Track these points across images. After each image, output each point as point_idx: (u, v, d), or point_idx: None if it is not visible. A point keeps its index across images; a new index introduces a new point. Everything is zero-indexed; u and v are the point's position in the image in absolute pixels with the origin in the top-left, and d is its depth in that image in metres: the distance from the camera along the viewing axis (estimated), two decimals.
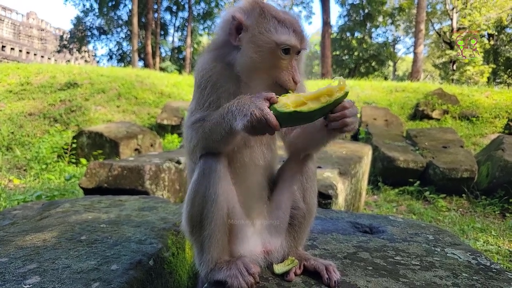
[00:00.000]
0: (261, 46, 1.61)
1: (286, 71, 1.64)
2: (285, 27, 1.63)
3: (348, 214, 3.05)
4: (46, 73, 16.45)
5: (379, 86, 18.58)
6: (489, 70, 34.60)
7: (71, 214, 2.86)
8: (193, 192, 1.68)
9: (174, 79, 18.96)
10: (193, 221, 1.70)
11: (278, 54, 1.61)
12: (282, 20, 1.64)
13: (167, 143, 11.54)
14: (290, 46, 1.61)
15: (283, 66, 1.63)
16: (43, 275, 1.78)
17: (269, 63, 1.62)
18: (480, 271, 1.99)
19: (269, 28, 1.62)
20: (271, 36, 1.60)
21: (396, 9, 40.64)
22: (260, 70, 1.64)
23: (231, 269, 1.64)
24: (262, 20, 1.63)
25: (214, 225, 1.65)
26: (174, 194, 5.26)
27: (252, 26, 1.63)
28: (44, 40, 70.98)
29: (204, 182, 1.64)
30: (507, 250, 4.85)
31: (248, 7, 1.68)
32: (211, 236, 1.67)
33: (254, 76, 1.66)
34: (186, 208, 1.73)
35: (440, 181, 7.85)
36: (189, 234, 1.77)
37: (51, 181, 7.88)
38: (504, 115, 14.15)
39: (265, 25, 1.62)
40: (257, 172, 1.85)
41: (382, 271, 1.92)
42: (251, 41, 1.62)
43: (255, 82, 1.67)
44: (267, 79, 1.65)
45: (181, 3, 42.13)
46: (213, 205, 1.63)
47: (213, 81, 1.70)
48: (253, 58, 1.61)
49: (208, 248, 1.69)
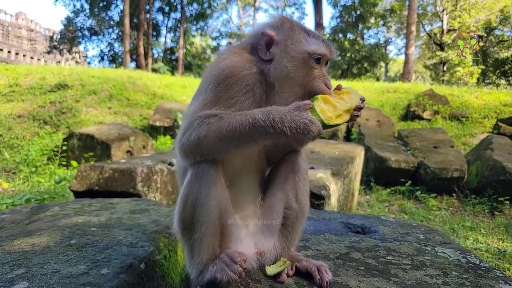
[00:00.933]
0: (295, 57, 1.71)
1: (318, 79, 1.74)
2: (314, 38, 1.76)
3: (341, 215, 3.06)
4: (36, 75, 16.28)
5: (371, 87, 18.69)
6: (479, 71, 34.97)
7: (60, 217, 2.83)
8: (185, 195, 1.67)
9: (167, 80, 18.88)
10: (184, 224, 1.70)
11: (311, 63, 1.72)
12: (311, 33, 1.78)
13: (160, 144, 11.48)
14: (321, 55, 1.73)
15: (315, 75, 1.73)
16: (31, 281, 1.75)
17: (303, 72, 1.71)
18: (470, 270, 2.01)
19: (300, 39, 1.73)
20: (303, 47, 1.72)
21: (387, 10, 40.87)
22: (295, 80, 1.71)
23: (216, 264, 1.64)
24: (293, 33, 1.74)
25: (205, 228, 1.65)
26: (166, 196, 5.23)
27: (283, 39, 1.73)
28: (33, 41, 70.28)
29: (196, 185, 1.63)
30: (496, 248, 4.90)
31: (278, 23, 1.78)
32: (201, 239, 1.66)
33: (287, 87, 1.72)
34: (178, 210, 1.73)
35: (431, 180, 7.91)
36: (180, 236, 1.77)
37: (41, 184, 7.80)
38: (493, 115, 14.31)
39: (296, 37, 1.73)
40: (251, 175, 1.87)
41: (374, 271, 1.93)
42: (284, 52, 1.71)
43: (287, 93, 1.72)
44: (300, 90, 1.72)
45: (173, 4, 41.95)
46: (204, 208, 1.63)
47: (247, 81, 1.68)
48: (288, 68, 1.70)
49: (199, 250, 1.69)
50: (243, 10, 58.98)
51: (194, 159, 1.65)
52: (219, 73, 1.69)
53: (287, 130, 1.48)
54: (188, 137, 1.61)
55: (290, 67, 1.70)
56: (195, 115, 1.63)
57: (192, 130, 1.60)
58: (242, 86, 1.67)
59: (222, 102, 1.65)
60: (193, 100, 1.78)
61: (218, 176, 1.66)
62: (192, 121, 1.62)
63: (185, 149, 1.64)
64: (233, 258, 1.64)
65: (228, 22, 59.71)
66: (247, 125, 1.51)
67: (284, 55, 1.71)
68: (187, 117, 1.69)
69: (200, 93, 1.75)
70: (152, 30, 39.99)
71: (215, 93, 1.67)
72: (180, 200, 1.71)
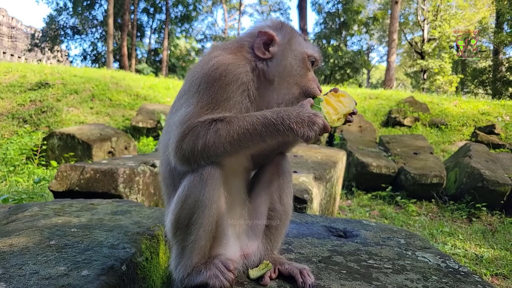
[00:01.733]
0: (297, 56, 1.83)
1: (312, 80, 1.86)
2: (310, 43, 1.93)
3: (323, 219, 3.09)
4: (16, 72, 15.94)
5: (354, 93, 18.90)
6: (458, 80, 35.82)
7: (40, 218, 2.77)
8: (184, 195, 1.63)
9: (150, 82, 18.71)
10: (180, 224, 1.66)
11: (308, 65, 1.85)
12: (306, 39, 1.94)
13: (142, 146, 11.36)
14: (315, 59, 1.89)
15: (309, 76, 1.86)
16: (9, 282, 1.71)
17: (301, 72, 1.83)
18: (449, 274, 2.05)
19: (300, 42, 1.87)
20: (303, 48, 1.85)
21: (370, 18, 41.53)
22: (294, 77, 1.81)
23: (210, 270, 1.64)
24: (295, 36, 1.87)
25: (202, 231, 1.63)
26: (148, 198, 5.18)
27: (287, 40, 1.84)
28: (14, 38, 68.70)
29: (199, 186, 1.59)
30: (473, 254, 5.01)
31: (278, 25, 1.89)
32: (195, 242, 1.65)
33: (286, 84, 1.79)
34: (174, 209, 1.68)
35: (411, 186, 8.04)
36: (171, 236, 1.74)
37: (19, 184, 7.62)
38: (471, 123, 14.65)
39: (297, 40, 1.87)
40: (238, 176, 1.87)
41: (356, 274, 1.95)
42: (288, 50, 1.82)
43: (285, 90, 1.79)
44: (296, 90, 1.82)
45: (158, 5, 41.71)
46: (205, 211, 1.60)
47: (242, 79, 1.67)
48: (292, 65, 1.81)
49: (190, 252, 1.67)
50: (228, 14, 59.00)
51: (197, 165, 1.60)
52: (212, 71, 1.64)
53: (294, 125, 1.52)
54: (191, 144, 1.56)
55: (294, 65, 1.81)
56: (194, 120, 1.58)
57: (196, 137, 1.55)
58: (238, 84, 1.65)
59: (221, 104, 1.61)
60: (183, 102, 1.71)
61: (221, 180, 1.64)
62: (192, 127, 1.57)
63: (188, 157, 1.58)
64: (227, 266, 1.65)
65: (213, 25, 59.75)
66: (259, 125, 1.54)
67: (288, 53, 1.81)
68: (183, 122, 1.60)
69: (191, 94, 1.68)
70: (136, 30, 39.66)
71: (210, 94, 1.62)
72: (177, 200, 1.66)
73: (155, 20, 43.70)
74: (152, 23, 43.94)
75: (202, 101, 1.63)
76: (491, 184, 7.15)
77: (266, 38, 1.80)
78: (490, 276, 4.39)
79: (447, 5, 37.69)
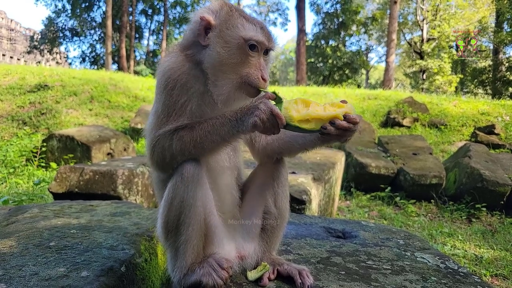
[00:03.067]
0: (229, 42, 1.65)
1: (254, 69, 1.66)
2: (252, 24, 1.70)
3: (322, 219, 3.09)
4: (15, 74, 15.94)
5: (352, 93, 18.93)
6: (457, 80, 35.83)
7: (39, 219, 2.77)
8: (170, 198, 1.64)
9: (149, 83, 18.71)
10: (169, 226, 1.68)
11: (246, 50, 1.65)
12: (250, 19, 1.72)
13: (141, 147, 11.36)
14: (256, 42, 1.66)
15: (251, 64, 1.66)
16: (9, 283, 1.71)
17: (237, 59, 1.64)
18: (448, 275, 2.05)
19: (236, 25, 1.67)
20: (238, 32, 1.65)
21: (369, 18, 41.54)
22: (228, 66, 1.65)
23: (203, 268, 1.64)
24: (230, 18, 1.69)
25: (191, 230, 1.64)
26: (147, 199, 5.18)
27: (220, 24, 1.68)
28: (13, 41, 68.73)
29: (182, 186, 1.61)
30: (473, 254, 5.01)
31: (216, 7, 1.72)
32: (187, 242, 1.66)
33: (222, 74, 1.67)
34: (163, 213, 1.70)
35: (410, 187, 8.04)
36: (164, 239, 1.75)
37: (19, 186, 7.62)
38: (470, 123, 14.66)
39: (233, 22, 1.68)
40: (225, 173, 1.86)
41: (355, 275, 1.95)
42: (218, 37, 1.66)
43: (222, 81, 1.66)
44: (236, 78, 1.66)
45: (156, 6, 41.74)
46: (191, 210, 1.62)
47: (183, 81, 1.68)
48: (221, 54, 1.64)
49: (184, 253, 1.68)
50: None
51: (172, 170, 1.67)
52: (160, 79, 1.72)
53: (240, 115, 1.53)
54: (160, 156, 1.65)
55: (223, 53, 1.64)
56: (157, 132, 1.65)
57: (162, 148, 1.63)
58: (179, 87, 1.67)
59: (173, 110, 1.66)
60: (151, 110, 1.79)
61: (203, 178, 1.67)
62: (157, 139, 1.64)
63: (162, 165, 1.69)
64: (220, 264, 1.65)
65: None
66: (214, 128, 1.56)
67: (218, 40, 1.66)
68: (149, 133, 1.72)
69: (154, 103, 1.77)
70: (134, 32, 39.67)
71: (163, 101, 1.69)
72: (164, 203, 1.69)
73: (153, 21, 43.80)
74: (150, 25, 44.01)
75: (158, 110, 1.70)
76: (491, 184, 7.16)
77: (205, 23, 1.69)
78: (490, 276, 4.39)
79: (446, 5, 37.68)
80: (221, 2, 1.74)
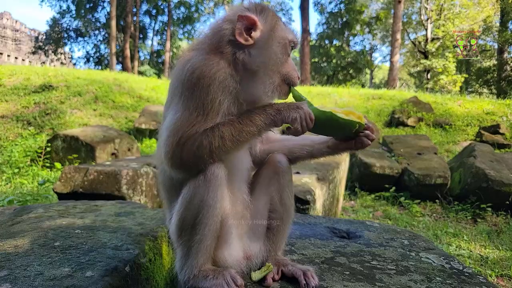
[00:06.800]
0: (280, 42, 1.75)
1: (292, 68, 1.79)
2: (287, 26, 1.83)
3: (326, 219, 3.08)
4: (20, 75, 16.02)
5: (357, 93, 18.88)
6: (462, 80, 35.64)
7: (44, 219, 2.78)
8: (190, 196, 1.63)
9: (153, 83, 18.76)
10: (185, 224, 1.67)
11: (288, 51, 1.78)
12: (283, 21, 1.84)
13: (145, 147, 11.39)
14: (294, 43, 1.81)
15: (288, 64, 1.79)
16: (14, 283, 1.72)
17: (282, 59, 1.75)
18: (453, 275, 2.04)
19: (282, 27, 1.79)
20: (285, 34, 1.77)
21: (373, 18, 41.50)
22: (274, 66, 1.73)
23: (217, 279, 1.64)
24: (277, 21, 1.78)
25: (207, 230, 1.63)
26: (151, 199, 5.19)
27: (269, 24, 1.75)
28: (18, 41, 69.08)
29: (204, 186, 1.61)
30: (478, 255, 4.98)
31: (258, 8, 1.77)
32: (201, 241, 1.65)
33: (265, 73, 1.72)
34: (179, 210, 1.68)
35: (415, 187, 8.01)
36: (176, 237, 1.74)
37: (24, 186, 7.65)
38: (475, 123, 14.58)
39: (280, 25, 1.79)
40: (239, 175, 1.86)
41: (359, 275, 1.94)
42: (272, 38, 1.73)
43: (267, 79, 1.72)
44: (277, 78, 1.75)
45: (160, 7, 41.83)
46: (209, 210, 1.61)
47: (221, 78, 1.62)
48: (276, 53, 1.73)
49: (196, 253, 1.67)
50: None
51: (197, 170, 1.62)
52: (188, 76, 1.62)
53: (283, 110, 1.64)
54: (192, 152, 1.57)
55: (277, 52, 1.73)
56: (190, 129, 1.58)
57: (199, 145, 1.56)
58: (217, 85, 1.62)
59: (207, 107, 1.60)
60: (170, 111, 1.70)
61: (224, 179, 1.65)
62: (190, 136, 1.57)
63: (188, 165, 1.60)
64: (235, 280, 1.64)
65: None
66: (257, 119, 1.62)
67: (272, 39, 1.72)
68: (175, 131, 1.60)
69: (176, 102, 1.67)
70: (138, 32, 39.79)
71: (194, 99, 1.61)
72: (183, 201, 1.66)
73: (158, 22, 43.90)
74: (154, 25, 44.13)
75: (189, 108, 1.61)
76: (496, 184, 7.11)
77: (248, 23, 1.68)
78: (495, 277, 4.37)
79: (450, 4, 37.50)
80: (261, 4, 1.80)
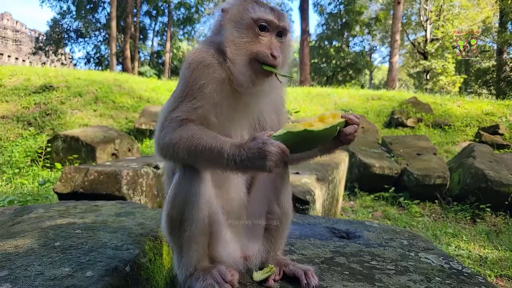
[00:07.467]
0: (239, 23, 1.74)
1: (265, 47, 1.71)
2: (262, 6, 1.77)
3: (325, 220, 3.09)
4: (21, 76, 16.03)
5: (356, 94, 18.90)
6: (461, 80, 35.67)
7: (44, 219, 2.79)
8: (174, 194, 1.66)
9: (153, 84, 18.78)
10: (173, 223, 1.68)
11: (256, 31, 1.72)
12: (260, 2, 1.80)
13: (145, 148, 11.40)
14: (266, 21, 1.72)
15: (262, 44, 1.72)
16: (14, 283, 1.73)
17: (248, 39, 1.72)
18: (453, 275, 2.05)
19: (247, 8, 1.76)
20: (248, 14, 1.74)
21: (372, 19, 41.51)
22: (240, 46, 1.71)
23: (206, 280, 1.63)
24: (242, 3, 1.79)
25: (194, 227, 1.64)
26: (152, 199, 5.20)
27: (231, 8, 1.79)
28: (18, 42, 69.08)
29: (185, 183, 1.63)
30: (477, 255, 4.99)
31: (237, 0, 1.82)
32: (191, 239, 1.66)
33: (237, 56, 1.71)
34: (166, 209, 1.71)
35: (414, 187, 8.02)
36: (168, 236, 1.76)
37: (24, 186, 7.66)
38: (474, 124, 14.60)
39: (244, 6, 1.77)
40: (237, 177, 1.86)
41: (358, 275, 1.95)
42: (230, 20, 1.76)
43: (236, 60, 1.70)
44: (246, 55, 1.70)
45: (160, 8, 41.81)
46: (193, 206, 1.62)
47: (206, 62, 1.71)
48: (234, 35, 1.72)
49: (188, 251, 1.68)
50: None
51: (169, 160, 1.70)
52: (189, 64, 1.73)
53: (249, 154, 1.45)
54: (166, 140, 1.63)
55: (235, 34, 1.72)
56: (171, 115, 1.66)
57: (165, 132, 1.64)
58: (201, 68, 1.69)
59: (192, 91, 1.67)
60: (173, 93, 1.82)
61: (206, 175, 1.67)
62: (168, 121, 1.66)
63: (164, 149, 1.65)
64: (224, 276, 1.63)
65: None
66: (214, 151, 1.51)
67: (231, 23, 1.75)
68: (161, 115, 1.73)
69: (177, 86, 1.80)
70: (139, 33, 39.78)
71: (183, 84, 1.71)
72: (168, 199, 1.70)
73: (158, 22, 43.86)
74: (154, 26, 44.10)
75: (176, 92, 1.74)
76: (495, 184, 7.12)
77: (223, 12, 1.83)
78: (494, 277, 4.38)
79: (450, 5, 37.55)
80: None
